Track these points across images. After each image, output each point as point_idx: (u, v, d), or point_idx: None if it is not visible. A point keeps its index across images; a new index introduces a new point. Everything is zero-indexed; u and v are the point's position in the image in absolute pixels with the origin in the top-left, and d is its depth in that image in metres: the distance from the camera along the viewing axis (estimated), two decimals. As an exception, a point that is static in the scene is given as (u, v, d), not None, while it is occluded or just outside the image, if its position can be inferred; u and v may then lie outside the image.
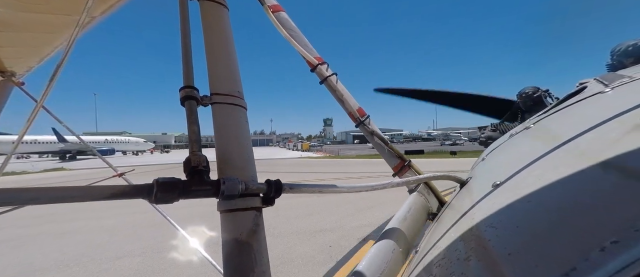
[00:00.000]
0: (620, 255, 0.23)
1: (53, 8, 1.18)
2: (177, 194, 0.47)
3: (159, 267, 4.21)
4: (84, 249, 4.98)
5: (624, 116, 0.54)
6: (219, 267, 1.65)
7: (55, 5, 1.16)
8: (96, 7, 1.19)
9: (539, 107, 2.39)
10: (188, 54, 0.65)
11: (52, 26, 1.33)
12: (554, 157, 0.59)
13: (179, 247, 4.65)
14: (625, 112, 0.56)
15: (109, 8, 1.25)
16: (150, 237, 5.42)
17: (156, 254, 4.68)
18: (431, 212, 1.20)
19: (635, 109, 0.54)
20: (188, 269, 4.07)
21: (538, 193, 0.48)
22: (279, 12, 1.30)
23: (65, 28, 1.35)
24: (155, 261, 4.42)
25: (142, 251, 4.83)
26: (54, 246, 5.19)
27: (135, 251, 4.82)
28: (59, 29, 1.36)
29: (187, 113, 0.61)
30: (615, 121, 0.55)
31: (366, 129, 1.38)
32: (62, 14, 1.23)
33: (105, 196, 0.43)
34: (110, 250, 4.93)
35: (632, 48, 1.69)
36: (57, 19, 1.26)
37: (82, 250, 4.95)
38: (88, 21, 1.26)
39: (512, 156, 0.89)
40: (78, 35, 1.02)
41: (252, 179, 0.64)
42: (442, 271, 0.47)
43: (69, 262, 4.43)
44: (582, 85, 1.18)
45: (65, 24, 1.31)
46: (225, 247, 0.57)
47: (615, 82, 0.86)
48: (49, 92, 1.27)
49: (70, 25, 1.30)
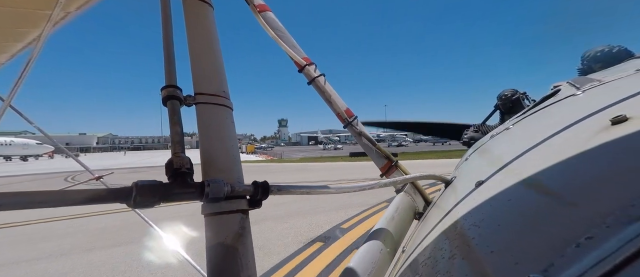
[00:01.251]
0: (594, 250, 0.24)
1: (24, 2, 1.11)
2: (158, 198, 0.45)
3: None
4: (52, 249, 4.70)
5: (594, 117, 0.58)
6: (203, 272, 1.61)
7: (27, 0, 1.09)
8: (71, 2, 1.13)
9: (518, 108, 2.51)
10: (170, 53, 0.63)
11: (23, 21, 1.25)
12: (531, 156, 0.62)
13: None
14: (595, 113, 0.59)
15: (86, 3, 1.19)
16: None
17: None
18: (418, 211, 1.22)
19: (603, 111, 0.58)
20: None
21: (518, 192, 0.50)
22: (265, 11, 1.29)
23: (37, 24, 1.27)
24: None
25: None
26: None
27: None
28: (30, 24, 1.28)
29: (170, 113, 0.59)
30: (586, 122, 0.58)
31: (354, 130, 1.39)
32: (34, 9, 1.16)
33: (79, 200, 0.40)
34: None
35: (601, 54, 1.81)
36: (29, 14, 1.19)
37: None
38: (62, 17, 1.19)
39: (494, 155, 0.92)
40: (51, 32, 0.97)
41: (238, 181, 0.63)
42: (428, 269, 0.48)
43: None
44: (556, 88, 1.24)
45: (37, 19, 1.23)
46: (210, 252, 0.55)
47: (586, 86, 0.92)
48: (18, 90, 1.19)
49: (43, 20, 1.23)
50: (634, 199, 0.27)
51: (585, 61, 1.89)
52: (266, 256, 4.28)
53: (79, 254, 4.78)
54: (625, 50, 1.74)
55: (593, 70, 1.71)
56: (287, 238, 5.00)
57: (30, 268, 4.30)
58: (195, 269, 1.70)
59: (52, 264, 4.43)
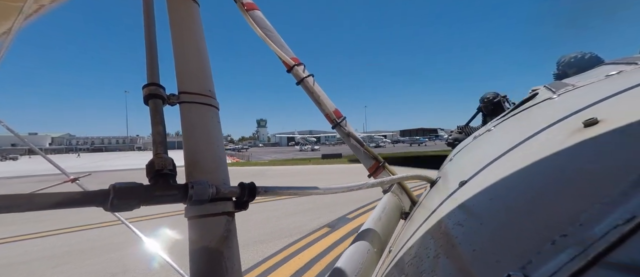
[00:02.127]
0: (568, 247, 0.26)
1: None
2: (137, 201, 0.43)
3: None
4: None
5: (568, 120, 0.61)
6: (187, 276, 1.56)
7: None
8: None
9: (499, 110, 2.61)
10: (153, 50, 0.61)
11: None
12: (511, 157, 0.64)
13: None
14: (569, 116, 0.62)
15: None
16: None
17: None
18: (404, 211, 1.24)
19: (577, 114, 0.61)
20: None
21: (498, 191, 0.51)
22: (253, 10, 1.27)
23: (8, 16, 1.19)
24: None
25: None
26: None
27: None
28: (1, 17, 1.20)
29: (151, 112, 0.56)
30: (561, 124, 0.61)
31: (342, 131, 1.39)
32: (6, 0, 1.09)
33: (51, 204, 0.38)
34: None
35: (574, 60, 1.93)
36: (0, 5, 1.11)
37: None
38: (35, 10, 1.12)
39: (476, 156, 0.95)
40: (22, 24, 0.91)
41: (224, 183, 0.62)
42: (413, 269, 0.49)
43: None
44: (534, 91, 1.30)
45: (9, 11, 1.15)
46: (194, 256, 0.54)
47: (561, 90, 0.97)
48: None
49: (14, 13, 1.15)
50: (605, 198, 0.29)
51: (560, 66, 2.00)
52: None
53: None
54: (596, 56, 1.86)
55: (567, 75, 1.81)
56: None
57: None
58: (179, 273, 1.64)
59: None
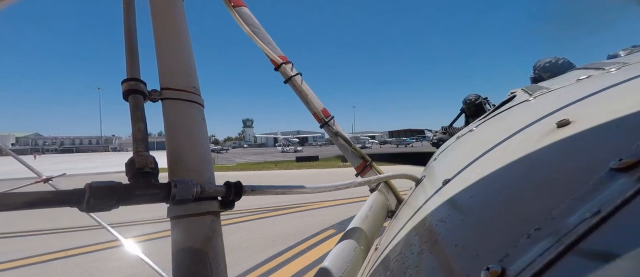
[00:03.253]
0: (542, 240, 0.27)
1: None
2: (116, 200, 0.41)
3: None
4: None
5: (543, 121, 0.64)
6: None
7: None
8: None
9: (480, 112, 2.72)
10: (132, 43, 0.58)
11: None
12: (491, 156, 0.67)
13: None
14: (544, 117, 0.66)
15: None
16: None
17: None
18: (390, 209, 1.27)
19: (551, 115, 0.64)
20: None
21: (478, 189, 0.54)
22: (240, 7, 1.25)
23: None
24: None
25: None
26: None
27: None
28: None
29: (131, 109, 0.54)
30: (537, 125, 0.64)
31: (330, 130, 1.40)
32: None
33: (21, 204, 0.35)
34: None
35: (549, 64, 2.04)
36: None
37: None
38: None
39: (459, 156, 0.99)
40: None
41: (208, 181, 0.60)
42: (399, 265, 0.50)
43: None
44: (513, 94, 1.37)
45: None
46: (177, 257, 0.52)
47: (537, 93, 1.02)
48: None
49: None
50: (575, 193, 0.30)
51: (536, 70, 2.12)
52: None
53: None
54: (568, 61, 1.98)
55: (542, 79, 1.92)
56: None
57: None
58: (160, 275, 1.59)
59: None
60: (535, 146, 0.51)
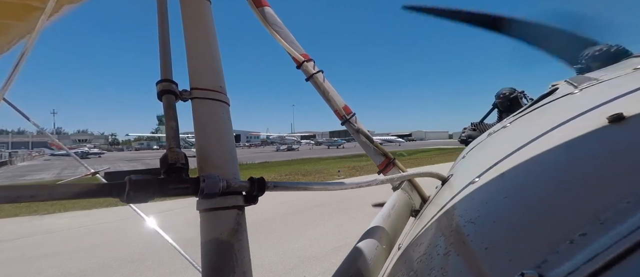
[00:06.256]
0: (587, 247, 0.24)
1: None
2: (152, 193, 0.44)
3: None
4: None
5: (590, 115, 0.58)
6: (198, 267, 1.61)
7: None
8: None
9: (516, 107, 2.51)
10: (166, 47, 0.62)
11: (15, 13, 1.23)
12: (528, 154, 0.62)
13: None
14: (591, 111, 0.59)
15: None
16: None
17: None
18: (414, 208, 1.23)
19: (600, 109, 0.58)
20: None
21: (513, 189, 0.50)
22: (264, 7, 1.28)
23: (30, 16, 1.25)
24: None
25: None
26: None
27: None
28: (23, 16, 1.26)
29: (165, 108, 0.58)
30: (583, 120, 0.58)
31: (352, 127, 1.38)
32: (28, 1, 1.14)
33: (70, 194, 0.40)
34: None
35: (599, 53, 1.82)
36: (23, 5, 1.16)
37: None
38: (56, 10, 1.17)
39: (490, 153, 0.92)
40: (45, 24, 0.95)
41: (234, 177, 0.63)
42: (423, 266, 0.48)
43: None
44: (554, 86, 1.24)
45: (30, 10, 1.21)
46: (205, 248, 0.55)
47: (583, 84, 0.92)
48: (11, 84, 1.17)
49: (37, 12, 1.21)
50: (629, 197, 0.27)
51: (583, 60, 1.90)
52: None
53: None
54: (623, 49, 1.74)
55: (591, 69, 1.72)
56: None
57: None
58: (191, 264, 1.70)
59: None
60: (580, 143, 0.46)
